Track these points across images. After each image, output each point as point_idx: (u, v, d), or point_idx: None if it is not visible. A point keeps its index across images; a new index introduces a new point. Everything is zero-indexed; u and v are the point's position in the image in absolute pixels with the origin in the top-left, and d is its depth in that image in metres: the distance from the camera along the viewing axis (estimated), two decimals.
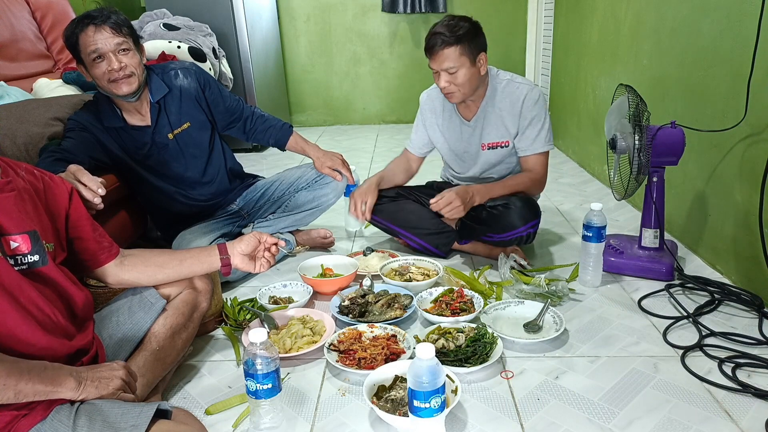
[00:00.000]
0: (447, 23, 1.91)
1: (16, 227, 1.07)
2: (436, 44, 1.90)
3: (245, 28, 3.97)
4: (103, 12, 1.73)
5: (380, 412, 1.28)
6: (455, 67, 1.92)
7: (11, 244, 1.06)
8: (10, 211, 1.07)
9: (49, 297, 1.10)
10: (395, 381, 1.39)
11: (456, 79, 1.94)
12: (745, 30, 1.83)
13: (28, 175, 1.17)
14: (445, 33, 1.89)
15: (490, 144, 2.12)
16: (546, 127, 2.07)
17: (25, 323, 1.04)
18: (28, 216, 1.11)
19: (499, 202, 2.01)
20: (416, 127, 2.28)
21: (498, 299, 1.86)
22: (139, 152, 1.97)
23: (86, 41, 1.71)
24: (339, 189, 2.28)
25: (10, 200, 1.08)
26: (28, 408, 1.01)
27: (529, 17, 4.73)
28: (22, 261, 1.07)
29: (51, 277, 1.12)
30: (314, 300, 1.93)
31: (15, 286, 1.04)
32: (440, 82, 1.97)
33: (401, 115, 5.21)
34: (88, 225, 1.28)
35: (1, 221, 1.05)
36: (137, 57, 1.81)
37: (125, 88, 1.79)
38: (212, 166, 2.14)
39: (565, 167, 3.59)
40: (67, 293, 1.15)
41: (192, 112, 2.04)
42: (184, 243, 1.99)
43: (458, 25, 1.91)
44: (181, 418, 1.10)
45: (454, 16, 1.95)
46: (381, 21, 4.96)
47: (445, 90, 1.98)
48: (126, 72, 1.77)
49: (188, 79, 2.03)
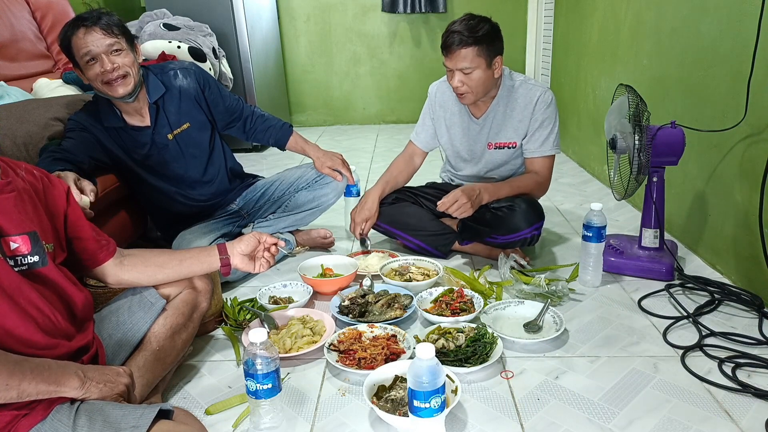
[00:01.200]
0: (467, 22, 1.88)
1: (16, 228, 1.07)
2: (453, 43, 1.88)
3: (245, 28, 3.97)
4: (93, 13, 1.72)
5: (380, 412, 1.28)
6: (470, 68, 1.90)
7: (11, 245, 1.06)
8: (9, 212, 1.07)
9: (49, 298, 1.10)
10: (395, 381, 1.39)
11: (470, 80, 1.92)
12: (745, 30, 1.83)
13: (28, 175, 1.17)
14: (464, 32, 1.86)
15: (498, 144, 2.11)
16: (555, 131, 2.06)
17: (24, 324, 1.04)
18: (28, 217, 1.11)
19: (503, 203, 2.00)
20: (423, 120, 2.25)
21: (498, 299, 1.85)
22: (139, 153, 1.97)
23: (78, 44, 1.70)
24: (339, 189, 2.28)
25: (10, 201, 1.08)
26: (28, 408, 1.01)
27: (529, 17, 4.74)
28: (22, 262, 1.07)
29: (51, 278, 1.12)
30: (314, 300, 1.93)
31: (15, 288, 1.03)
32: (453, 81, 1.95)
33: (401, 115, 5.21)
34: (87, 225, 1.28)
35: (1, 222, 1.05)
36: (131, 56, 1.79)
37: (120, 90, 1.78)
38: (212, 166, 2.14)
39: (565, 167, 3.58)
40: (66, 294, 1.15)
41: (191, 113, 2.03)
42: (184, 243, 1.98)
43: (478, 25, 1.88)
44: (181, 418, 1.10)
45: (474, 16, 1.92)
46: (381, 21, 4.96)
47: (458, 90, 1.97)
48: (120, 72, 1.75)
49: (187, 79, 2.02)
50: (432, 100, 2.21)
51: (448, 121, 2.18)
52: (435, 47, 4.96)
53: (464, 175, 2.25)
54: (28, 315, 1.05)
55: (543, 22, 4.40)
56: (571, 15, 3.72)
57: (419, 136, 2.27)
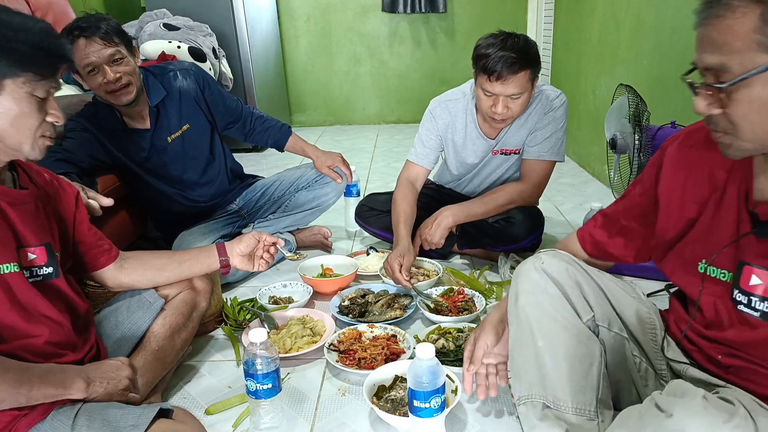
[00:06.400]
0: (512, 42, 1.67)
1: (35, 239, 1.08)
2: (505, 67, 1.65)
3: (245, 28, 3.97)
4: (91, 21, 1.71)
5: (380, 412, 1.28)
6: (520, 93, 1.72)
7: (29, 255, 1.07)
8: (29, 223, 1.08)
9: (59, 309, 1.11)
10: (395, 381, 1.39)
11: (515, 105, 1.74)
12: None
13: (39, 178, 1.17)
14: (516, 56, 1.65)
15: (504, 150, 1.99)
16: (558, 136, 1.92)
17: (35, 336, 1.05)
18: (44, 227, 1.12)
19: (499, 216, 1.96)
20: (426, 136, 2.03)
21: (498, 299, 1.85)
22: (139, 155, 1.97)
23: (79, 54, 1.69)
24: (339, 189, 2.28)
25: (30, 211, 1.09)
26: (29, 408, 1.01)
27: (529, 17, 4.73)
28: (37, 273, 1.08)
29: (61, 289, 1.13)
30: (314, 300, 1.93)
31: (29, 301, 1.05)
32: (496, 108, 1.74)
33: (401, 115, 5.21)
34: (90, 229, 1.28)
35: (23, 233, 1.06)
36: (132, 63, 1.80)
37: (124, 98, 1.80)
38: (212, 167, 2.14)
39: (565, 167, 3.58)
40: (73, 304, 1.17)
41: (191, 114, 2.04)
42: (183, 244, 1.99)
43: (527, 45, 1.69)
44: (181, 417, 1.10)
45: (510, 33, 1.71)
46: (381, 21, 4.96)
47: (500, 116, 1.76)
48: (122, 82, 1.77)
49: (187, 80, 2.02)
50: (436, 122, 2.01)
51: (456, 141, 2.02)
52: (435, 47, 4.97)
53: (458, 177, 2.15)
54: (39, 327, 1.06)
55: (543, 22, 4.40)
56: (571, 15, 3.72)
57: (425, 157, 2.05)
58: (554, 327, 1.03)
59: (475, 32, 3.15)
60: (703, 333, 0.99)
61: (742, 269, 0.91)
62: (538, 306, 1.05)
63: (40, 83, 1.00)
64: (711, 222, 0.97)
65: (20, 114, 1.00)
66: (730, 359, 0.96)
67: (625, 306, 1.08)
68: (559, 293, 1.05)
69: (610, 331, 1.07)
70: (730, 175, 0.95)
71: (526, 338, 1.05)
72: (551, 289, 1.05)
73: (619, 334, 1.07)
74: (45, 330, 1.07)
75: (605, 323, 1.06)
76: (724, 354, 0.96)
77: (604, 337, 1.07)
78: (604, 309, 1.06)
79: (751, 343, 0.92)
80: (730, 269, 0.94)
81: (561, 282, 1.05)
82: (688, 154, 1.01)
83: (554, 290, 1.05)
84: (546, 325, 1.04)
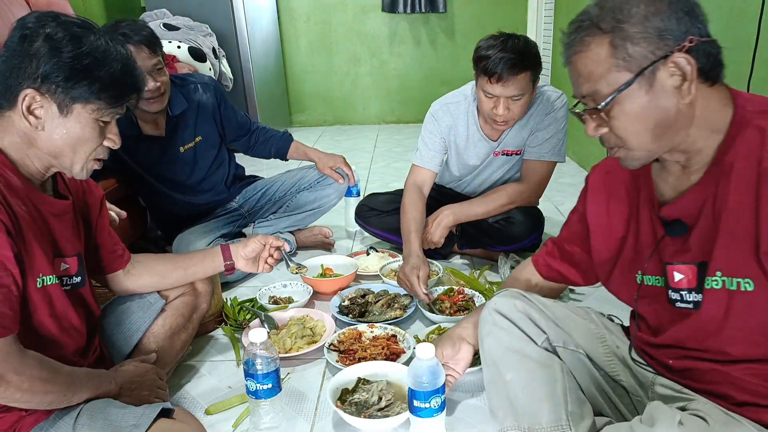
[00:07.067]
0: (512, 43, 1.67)
1: (70, 249, 1.10)
2: (505, 68, 1.65)
3: (245, 28, 3.97)
4: (135, 29, 1.74)
5: (345, 416, 1.28)
6: (521, 94, 1.72)
7: (62, 265, 1.08)
8: (67, 233, 1.09)
9: (80, 316, 1.12)
10: (358, 383, 1.38)
11: (516, 107, 1.74)
12: (745, 30, 1.83)
13: (72, 183, 1.18)
14: (516, 57, 1.65)
15: (505, 151, 1.98)
16: (559, 137, 1.92)
17: (65, 345, 1.08)
18: (76, 235, 1.13)
19: (499, 216, 1.97)
20: (429, 139, 2.00)
21: None
22: (149, 160, 2.01)
23: None
24: (341, 190, 2.29)
25: (69, 221, 1.11)
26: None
27: (529, 17, 4.73)
28: (68, 282, 1.09)
29: (84, 296, 1.15)
30: (314, 300, 1.93)
31: (61, 312, 1.06)
32: (497, 110, 1.74)
33: (401, 115, 5.21)
34: (109, 233, 1.29)
35: (60, 243, 1.08)
36: (167, 74, 1.85)
37: (156, 106, 1.85)
38: (217, 175, 2.18)
39: (565, 167, 3.58)
40: (91, 310, 1.18)
41: (206, 128, 2.08)
42: (183, 243, 2.00)
43: (527, 47, 1.69)
44: (181, 417, 1.10)
45: (510, 35, 1.71)
46: (381, 21, 4.96)
47: (501, 118, 1.76)
48: (161, 91, 1.82)
49: (207, 94, 2.07)
50: (438, 124, 1.99)
51: (458, 143, 2.01)
52: (435, 47, 4.97)
53: (457, 176, 2.13)
54: (67, 337, 1.08)
55: (543, 22, 4.40)
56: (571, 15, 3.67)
57: (431, 160, 2.01)
58: (515, 358, 1.09)
59: (475, 32, 3.15)
60: (652, 342, 1.04)
61: (666, 270, 0.98)
62: (498, 342, 1.12)
63: (109, 110, 1.01)
64: (637, 235, 1.05)
65: (82, 138, 1.01)
66: (680, 362, 1.00)
67: (573, 326, 1.14)
68: (510, 325, 1.13)
69: (566, 349, 1.12)
70: (639, 187, 1.04)
71: (496, 377, 1.11)
72: (504, 323, 1.13)
73: (576, 351, 1.12)
74: (71, 340, 1.09)
75: (560, 343, 1.12)
76: (675, 357, 1.00)
77: (563, 356, 1.12)
78: (555, 331, 1.12)
79: (692, 335, 0.96)
80: (661, 274, 0.99)
81: (511, 316, 1.13)
82: (606, 178, 1.14)
83: (506, 324, 1.13)
84: (508, 359, 1.10)
